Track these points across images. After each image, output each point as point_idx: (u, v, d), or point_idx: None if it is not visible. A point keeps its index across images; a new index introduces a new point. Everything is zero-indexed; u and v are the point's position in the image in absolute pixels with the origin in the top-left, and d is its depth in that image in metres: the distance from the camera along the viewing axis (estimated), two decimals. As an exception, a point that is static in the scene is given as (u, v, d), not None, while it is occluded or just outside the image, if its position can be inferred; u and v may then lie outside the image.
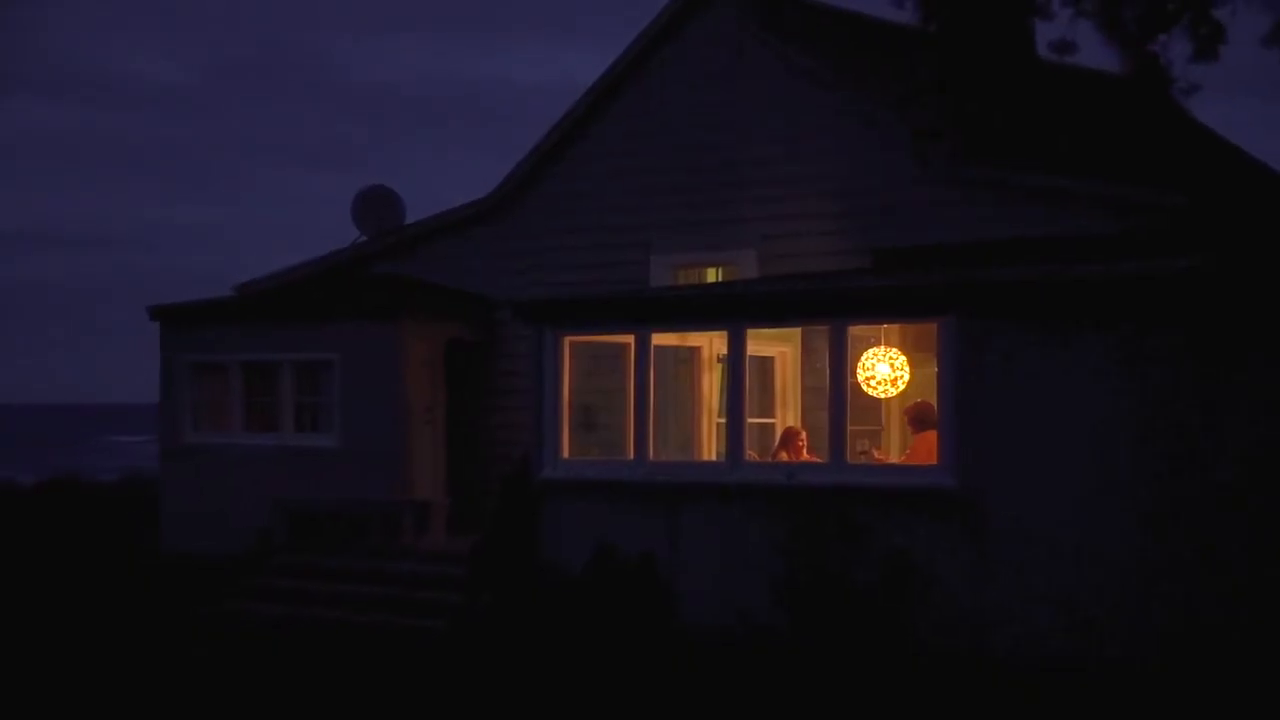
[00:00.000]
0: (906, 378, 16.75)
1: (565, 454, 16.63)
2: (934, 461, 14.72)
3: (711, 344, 17.61)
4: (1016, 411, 13.97)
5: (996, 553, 13.93)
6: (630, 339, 16.41)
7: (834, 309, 15.38)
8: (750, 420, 16.36)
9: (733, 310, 16.09)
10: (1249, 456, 13.13)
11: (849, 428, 15.29)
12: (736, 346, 15.84)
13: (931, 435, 15.22)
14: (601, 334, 17.20)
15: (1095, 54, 10.90)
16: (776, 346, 18.38)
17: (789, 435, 17.58)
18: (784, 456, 17.06)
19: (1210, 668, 12.82)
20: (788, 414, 18.56)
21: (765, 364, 18.44)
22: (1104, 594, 13.40)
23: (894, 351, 16.75)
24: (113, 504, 28.15)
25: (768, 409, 18.47)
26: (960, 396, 14.24)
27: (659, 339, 16.53)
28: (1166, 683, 12.74)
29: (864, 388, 16.58)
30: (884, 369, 16.69)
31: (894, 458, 17.38)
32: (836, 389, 15.18)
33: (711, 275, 19.99)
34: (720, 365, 17.25)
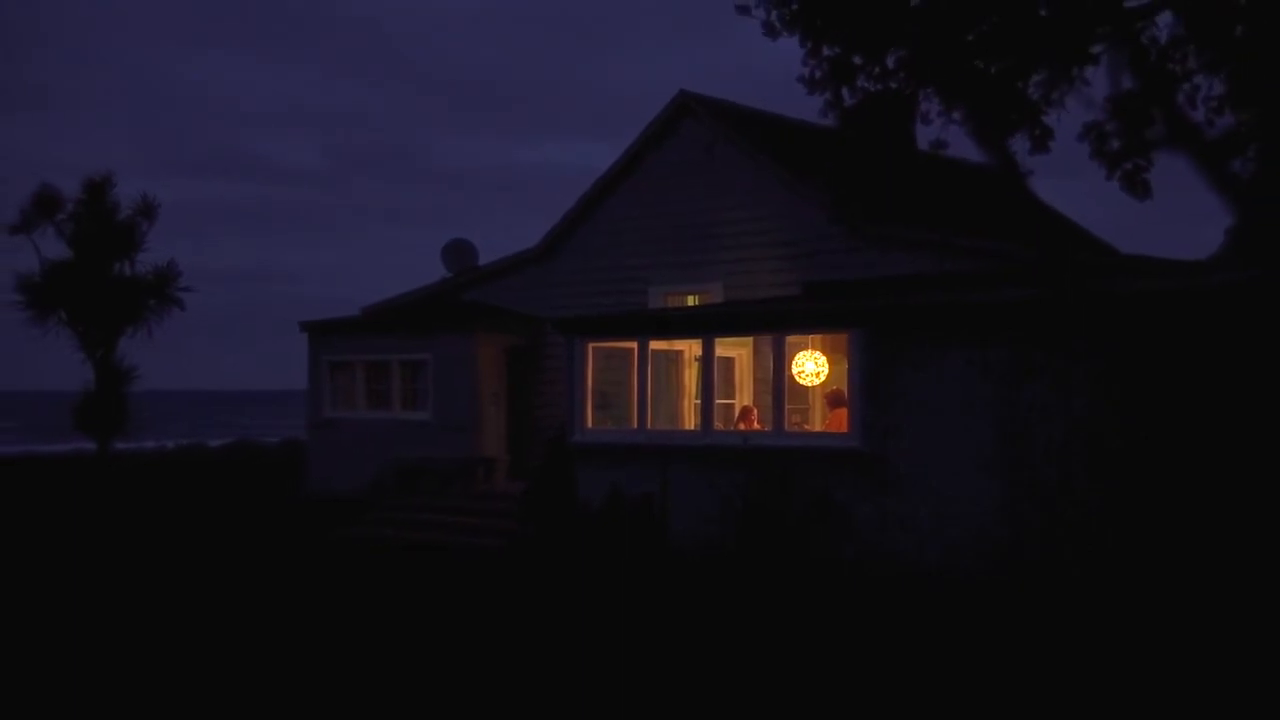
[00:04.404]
0: (826, 372, 16.83)
1: (589, 425, 16.72)
2: (845, 430, 14.84)
3: (690, 349, 17.67)
4: (903, 395, 14.03)
5: (890, 496, 14.04)
6: (634, 345, 16.49)
7: (775, 324, 15.46)
8: (717, 401, 16.39)
9: (705, 325, 16.18)
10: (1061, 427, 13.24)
11: (786, 407, 15.39)
12: (708, 350, 15.88)
13: (843, 412, 15.29)
14: (614, 341, 17.24)
15: (963, 147, 11.14)
16: (736, 350, 18.47)
17: (745, 412, 17.67)
18: (742, 427, 17.15)
19: (1032, 574, 12.95)
20: (744, 396, 18.66)
21: (728, 362, 18.52)
22: (965, 526, 13.45)
23: (818, 353, 16.81)
24: (275, 460, 28.35)
25: (729, 393, 18.53)
26: (864, 385, 14.33)
27: (654, 345, 16.59)
28: (1005, 588, 12.87)
29: (797, 379, 16.64)
30: (811, 365, 16.77)
31: (817, 428, 17.49)
32: (777, 380, 15.27)
33: (691, 300, 20.08)
34: (696, 363, 17.35)
